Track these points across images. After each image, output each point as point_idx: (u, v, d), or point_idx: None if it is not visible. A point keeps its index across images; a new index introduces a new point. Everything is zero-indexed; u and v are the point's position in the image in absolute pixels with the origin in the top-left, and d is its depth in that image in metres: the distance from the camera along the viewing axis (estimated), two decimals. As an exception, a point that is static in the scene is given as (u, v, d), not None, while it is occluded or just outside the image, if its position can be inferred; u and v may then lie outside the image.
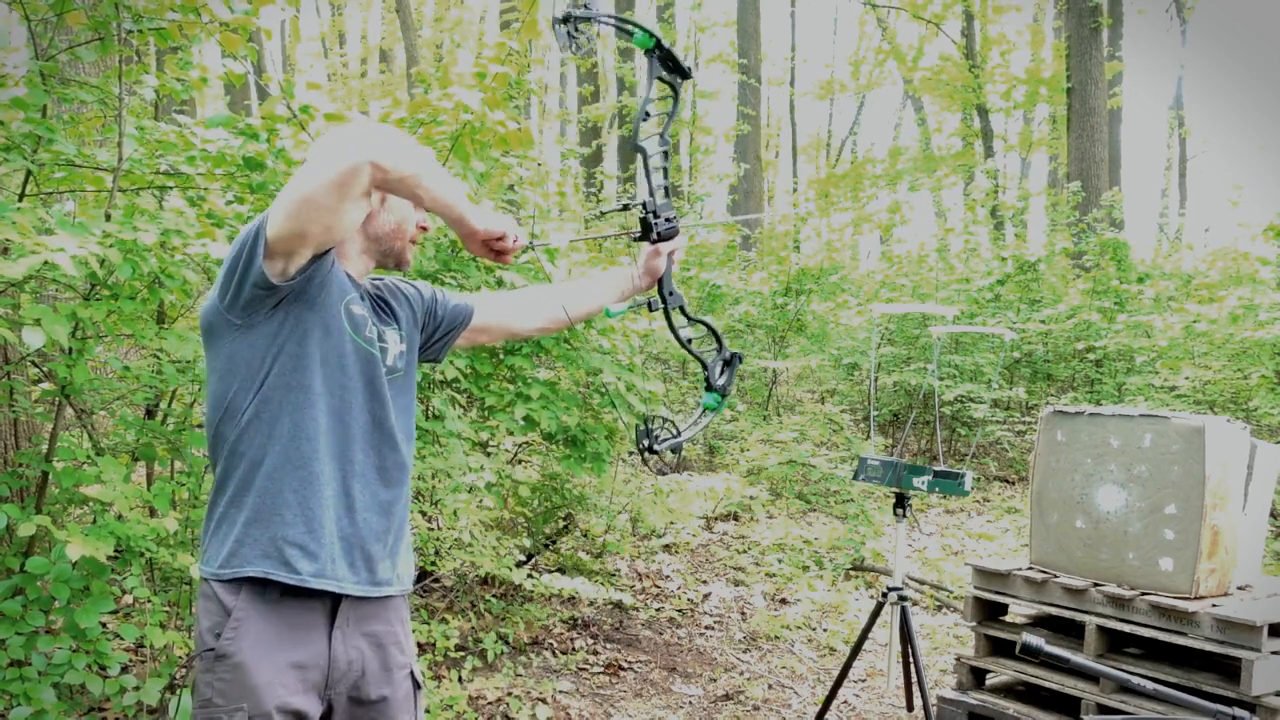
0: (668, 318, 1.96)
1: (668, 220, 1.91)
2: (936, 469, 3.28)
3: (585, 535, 5.84)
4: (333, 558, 1.65)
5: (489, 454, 4.95)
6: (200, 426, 3.15)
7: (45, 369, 3.03)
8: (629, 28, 1.88)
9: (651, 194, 1.90)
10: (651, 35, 1.87)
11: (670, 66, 1.92)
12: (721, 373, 1.99)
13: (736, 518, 7.46)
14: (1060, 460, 3.50)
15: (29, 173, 2.80)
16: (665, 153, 1.92)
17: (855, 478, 3.51)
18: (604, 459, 4.15)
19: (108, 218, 2.66)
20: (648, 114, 1.89)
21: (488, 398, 3.91)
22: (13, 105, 2.62)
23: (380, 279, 1.92)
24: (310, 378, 1.64)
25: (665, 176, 1.92)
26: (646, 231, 1.92)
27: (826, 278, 9.85)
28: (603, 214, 2.37)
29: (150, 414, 3.29)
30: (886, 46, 23.10)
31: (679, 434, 1.89)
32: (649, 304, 1.96)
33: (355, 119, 3.03)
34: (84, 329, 2.73)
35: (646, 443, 1.88)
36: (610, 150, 18.32)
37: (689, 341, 1.97)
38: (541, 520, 5.44)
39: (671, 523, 6.31)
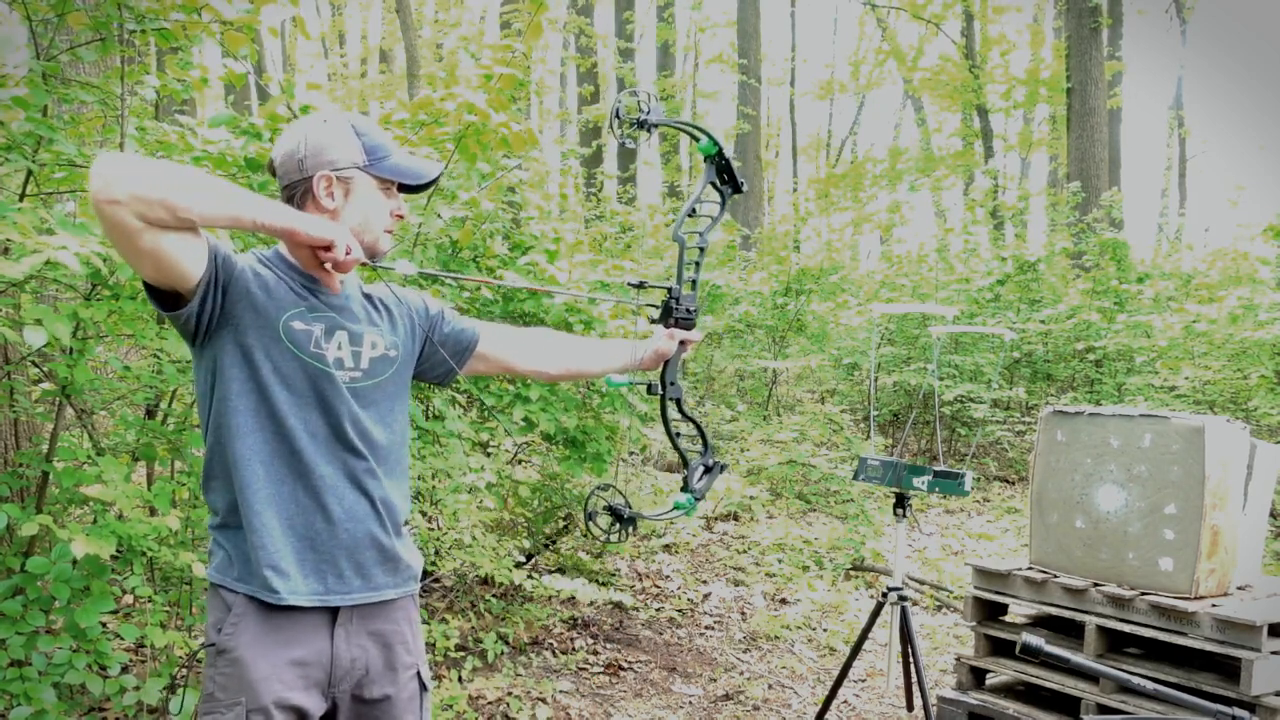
0: (663, 407, 2.00)
1: (688, 311, 2.00)
2: (936, 469, 3.28)
3: (585, 535, 5.84)
4: (305, 574, 1.66)
5: (489, 454, 4.95)
6: (200, 427, 3.15)
7: (46, 369, 3.03)
8: (696, 133, 1.99)
9: (679, 283, 1.99)
10: (716, 143, 1.99)
11: (725, 178, 2.04)
12: (701, 477, 2.01)
13: (736, 518, 7.46)
14: (1060, 460, 3.50)
15: (29, 172, 2.80)
16: (701, 250, 2.01)
17: (855, 478, 3.51)
18: (605, 459, 4.15)
19: (108, 218, 2.66)
20: (694, 211, 2.01)
21: (487, 398, 3.91)
22: (14, 105, 2.63)
23: (391, 285, 1.93)
24: (258, 400, 1.65)
25: (696, 271, 2.01)
26: (665, 315, 2.00)
27: (826, 278, 9.85)
28: (633, 285, 2.37)
29: (150, 414, 3.29)
30: (886, 47, 23.11)
31: (628, 504, 1.89)
32: (649, 386, 2.00)
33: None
34: (85, 329, 2.73)
35: (606, 531, 1.88)
36: (610, 150, 18.32)
37: (678, 436, 2.01)
38: (541, 520, 5.44)
39: (671, 523, 6.31)
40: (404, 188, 1.83)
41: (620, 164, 17.18)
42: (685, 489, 1.99)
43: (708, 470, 2.02)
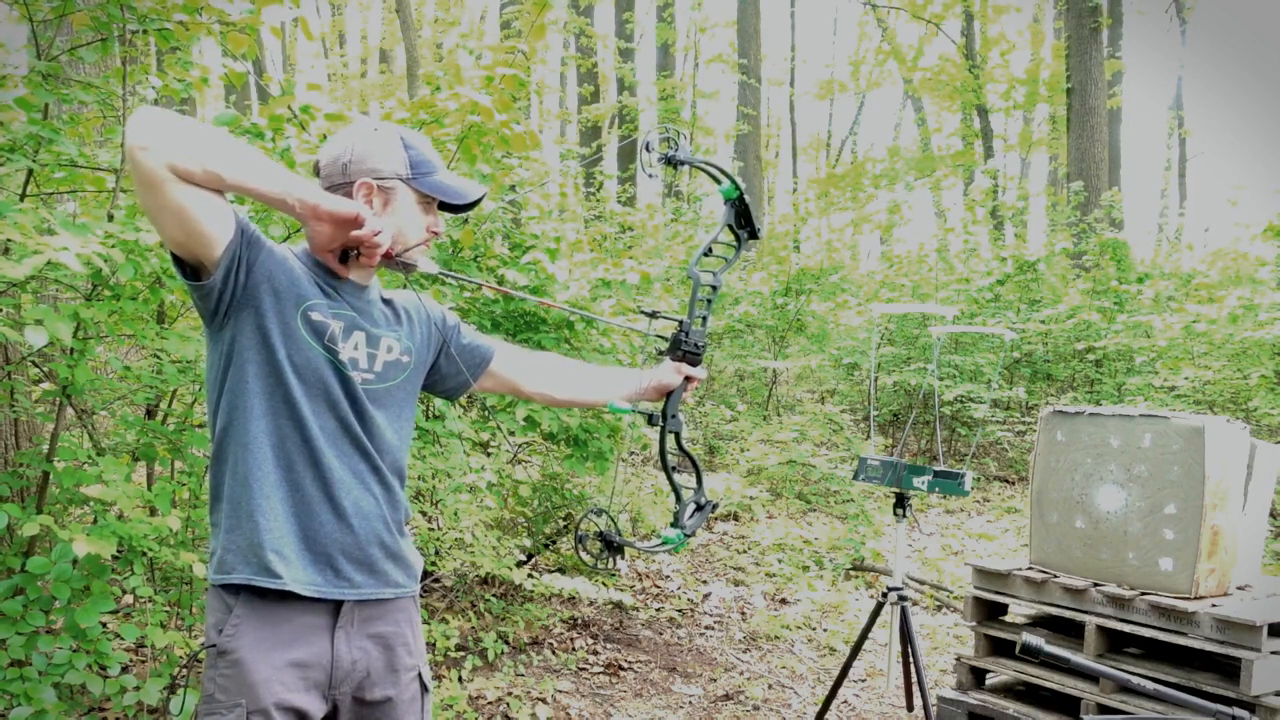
0: (661, 439, 2.02)
1: (696, 346, 2.04)
2: (936, 469, 3.28)
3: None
4: (304, 564, 1.66)
5: (489, 454, 4.96)
6: (200, 426, 3.16)
7: (46, 369, 3.03)
8: (719, 175, 2.05)
9: (690, 318, 2.04)
10: (737, 188, 2.05)
11: (742, 222, 2.09)
12: (692, 515, 2.03)
13: (736, 518, 7.46)
14: (1060, 460, 3.50)
15: (30, 172, 2.80)
16: (714, 288, 2.05)
17: (855, 478, 3.51)
18: (607, 457, 4.15)
19: (110, 218, 2.66)
20: (710, 250, 2.06)
21: (489, 398, 3.91)
22: (15, 106, 2.63)
23: (411, 292, 1.93)
24: (274, 384, 1.65)
25: (708, 309, 2.06)
26: (673, 347, 2.05)
27: (826, 278, 9.85)
28: (646, 314, 2.44)
29: (150, 414, 3.29)
30: (886, 46, 23.11)
31: (618, 531, 1.88)
32: (650, 417, 2.02)
33: (354, 118, 3.04)
34: (85, 329, 2.73)
35: (595, 556, 1.88)
36: (610, 150, 18.32)
37: (674, 469, 2.03)
38: (541, 520, 5.44)
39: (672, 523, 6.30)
40: (445, 206, 1.83)
41: (620, 164, 17.17)
42: (675, 524, 2.01)
43: (699, 508, 2.04)
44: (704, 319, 2.05)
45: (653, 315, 2.04)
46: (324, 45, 26.55)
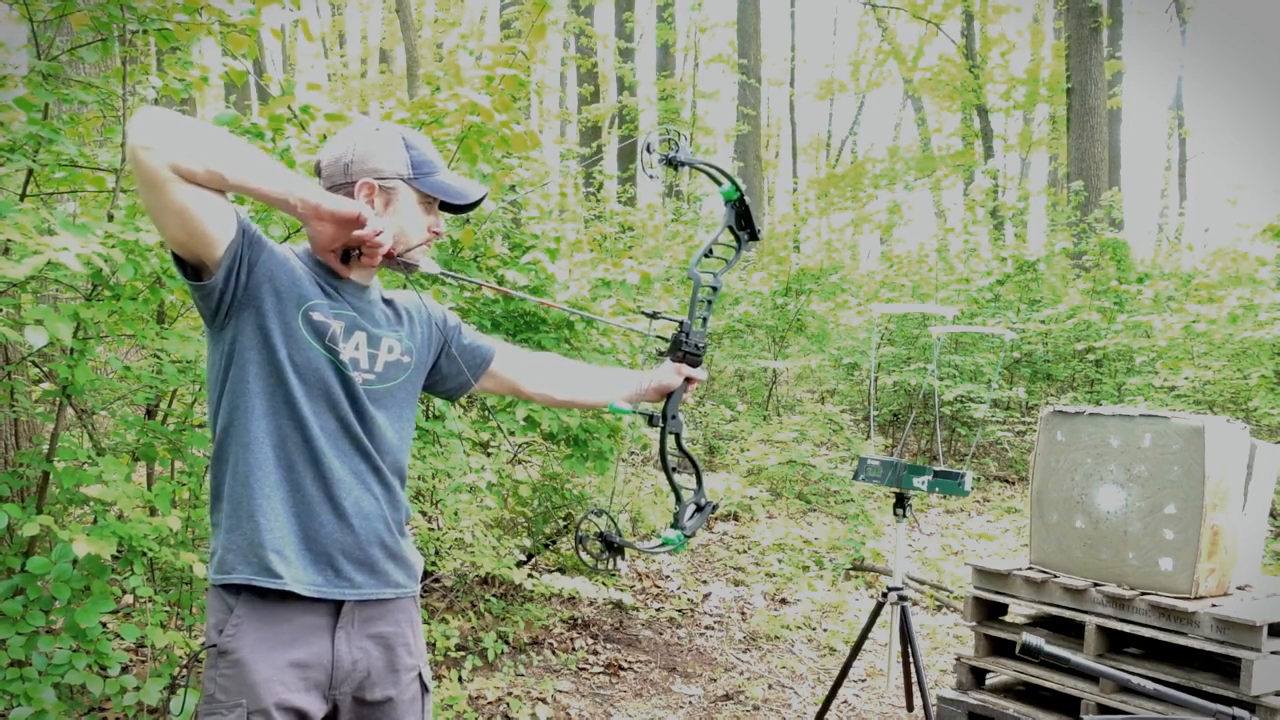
0: (662, 439, 2.03)
1: (697, 347, 2.05)
2: (936, 469, 3.28)
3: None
4: (304, 564, 1.66)
5: (489, 454, 4.96)
6: (200, 426, 3.16)
7: (46, 369, 3.03)
8: (719, 177, 2.06)
9: (691, 319, 2.04)
10: (737, 189, 2.06)
11: (743, 223, 2.10)
12: (692, 516, 2.03)
13: (736, 518, 7.46)
14: (1060, 460, 3.50)
15: (30, 172, 2.80)
16: (715, 289, 2.06)
17: (855, 478, 3.51)
18: (607, 457, 4.16)
19: (110, 218, 2.67)
20: (710, 251, 2.07)
21: (489, 398, 3.91)
22: (15, 106, 2.62)
23: (412, 292, 1.93)
24: (275, 384, 1.65)
25: (708, 309, 2.07)
26: (674, 348, 2.06)
27: (826, 278, 9.86)
28: (647, 314, 2.46)
29: (150, 414, 3.29)
30: (886, 47, 23.11)
31: (618, 532, 1.88)
32: (650, 418, 2.02)
33: (354, 118, 3.04)
34: (85, 329, 2.73)
35: (595, 557, 1.87)
36: (610, 150, 18.32)
37: (674, 470, 2.03)
38: (541, 520, 5.44)
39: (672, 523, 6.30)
40: (446, 206, 1.84)
41: (620, 164, 17.17)
42: (675, 525, 2.01)
43: (699, 509, 2.04)
44: (704, 320, 2.05)
45: (653, 316, 2.04)
46: (324, 45, 26.54)
